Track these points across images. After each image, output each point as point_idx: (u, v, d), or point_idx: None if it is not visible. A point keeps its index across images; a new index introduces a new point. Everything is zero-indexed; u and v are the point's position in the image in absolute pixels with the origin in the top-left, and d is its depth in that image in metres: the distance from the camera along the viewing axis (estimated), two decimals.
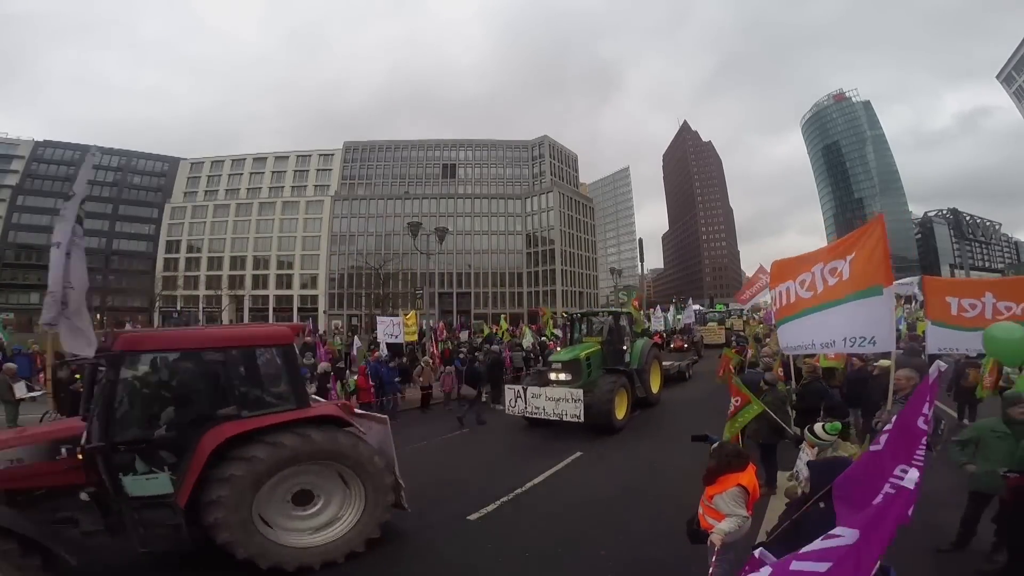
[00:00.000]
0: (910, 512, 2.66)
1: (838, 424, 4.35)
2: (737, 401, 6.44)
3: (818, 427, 4.28)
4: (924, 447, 2.89)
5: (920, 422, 2.96)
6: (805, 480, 3.98)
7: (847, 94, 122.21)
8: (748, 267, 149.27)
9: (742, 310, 50.97)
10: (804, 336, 6.31)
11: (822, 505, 3.12)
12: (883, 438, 3.08)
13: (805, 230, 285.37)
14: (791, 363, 8.61)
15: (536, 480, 7.62)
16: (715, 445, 4.16)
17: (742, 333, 24.70)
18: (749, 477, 3.77)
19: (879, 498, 2.82)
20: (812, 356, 8.26)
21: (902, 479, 2.85)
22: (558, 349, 20.64)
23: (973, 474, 4.62)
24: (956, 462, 4.71)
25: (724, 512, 3.65)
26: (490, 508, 6.54)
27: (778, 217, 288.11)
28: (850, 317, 5.49)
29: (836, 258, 5.74)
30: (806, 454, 4.20)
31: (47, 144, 74.86)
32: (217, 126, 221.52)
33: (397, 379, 13.53)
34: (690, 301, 43.58)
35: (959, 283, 6.33)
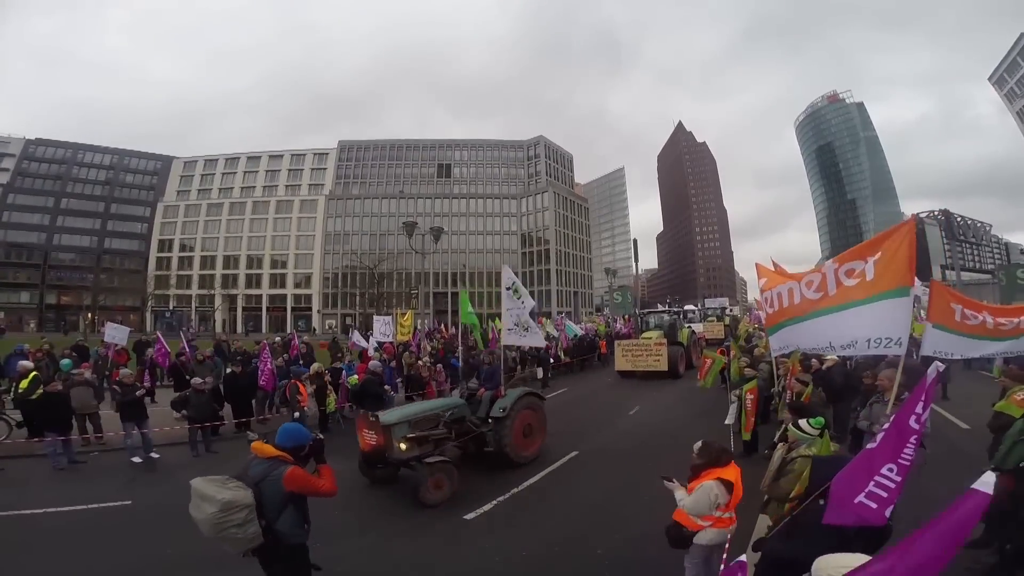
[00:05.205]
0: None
1: (821, 419, 4.46)
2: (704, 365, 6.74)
3: (803, 422, 4.36)
4: (913, 445, 2.93)
5: (912, 421, 3.00)
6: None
7: (841, 95, 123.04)
8: (742, 268, 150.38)
9: (720, 310, 50.64)
10: (819, 338, 6.16)
11: (821, 502, 3.15)
12: (880, 436, 3.12)
13: (804, 227, 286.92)
14: (774, 364, 8.76)
15: (533, 480, 7.64)
16: (699, 444, 4.23)
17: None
18: (733, 473, 3.92)
19: (861, 496, 2.86)
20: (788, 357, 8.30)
21: (889, 477, 2.90)
22: (556, 350, 20.75)
23: None
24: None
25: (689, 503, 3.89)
26: (487, 507, 6.55)
27: (780, 214, 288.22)
28: (876, 318, 5.31)
29: (854, 259, 5.62)
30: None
31: (39, 142, 74.09)
32: (200, 107, 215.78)
33: (399, 379, 13.40)
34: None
35: (963, 297, 6.34)
